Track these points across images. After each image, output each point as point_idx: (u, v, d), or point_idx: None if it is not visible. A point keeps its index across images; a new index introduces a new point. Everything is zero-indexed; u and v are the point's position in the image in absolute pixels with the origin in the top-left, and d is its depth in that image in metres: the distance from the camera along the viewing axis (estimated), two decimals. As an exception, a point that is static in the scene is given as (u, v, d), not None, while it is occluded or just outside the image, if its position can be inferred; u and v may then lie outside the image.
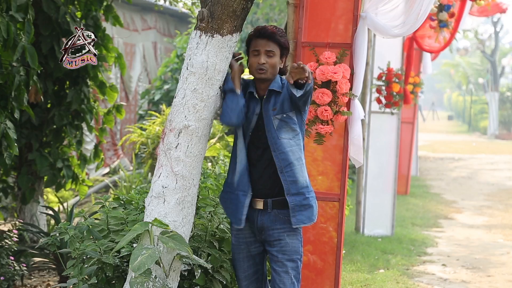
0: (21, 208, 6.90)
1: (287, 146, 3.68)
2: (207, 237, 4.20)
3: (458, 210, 10.93)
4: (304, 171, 3.72)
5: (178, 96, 3.77)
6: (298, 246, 3.75)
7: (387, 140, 8.34)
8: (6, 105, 5.47)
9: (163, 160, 3.76)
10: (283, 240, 3.71)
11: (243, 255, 3.83)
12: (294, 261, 3.72)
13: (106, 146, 12.05)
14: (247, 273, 3.84)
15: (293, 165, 3.68)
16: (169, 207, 3.71)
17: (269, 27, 3.75)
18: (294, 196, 3.69)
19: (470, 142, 26.46)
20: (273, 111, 3.70)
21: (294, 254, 3.73)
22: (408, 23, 4.54)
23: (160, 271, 3.69)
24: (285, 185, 3.69)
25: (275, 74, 3.74)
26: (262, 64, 3.69)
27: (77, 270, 3.87)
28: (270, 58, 3.71)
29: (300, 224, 3.71)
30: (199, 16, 3.75)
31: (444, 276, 6.75)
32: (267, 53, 3.71)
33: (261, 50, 3.71)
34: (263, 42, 3.72)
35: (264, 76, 3.71)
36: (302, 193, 3.70)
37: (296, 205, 3.69)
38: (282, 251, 3.71)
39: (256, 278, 3.85)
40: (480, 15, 9.91)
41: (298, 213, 3.70)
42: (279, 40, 3.73)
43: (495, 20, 28.97)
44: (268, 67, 3.70)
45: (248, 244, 3.81)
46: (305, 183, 3.71)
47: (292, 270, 3.71)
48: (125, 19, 12.46)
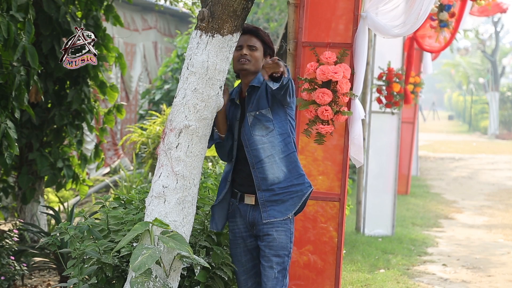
0: (22, 208, 6.90)
1: (259, 143, 3.75)
2: (205, 230, 4.20)
3: (458, 210, 10.92)
4: (276, 168, 3.75)
5: (178, 96, 3.77)
6: (285, 242, 3.77)
7: (387, 140, 8.35)
8: (6, 105, 5.47)
9: (163, 160, 3.76)
10: (271, 235, 3.75)
11: (240, 249, 3.89)
12: (280, 257, 3.75)
13: (107, 146, 12.05)
14: (246, 267, 3.90)
15: (263, 162, 3.74)
16: (170, 207, 3.72)
17: (252, 25, 3.87)
18: (263, 192, 3.75)
19: (471, 142, 26.46)
20: (249, 108, 3.78)
21: (280, 250, 3.76)
22: (408, 23, 4.53)
23: (161, 271, 3.69)
24: (255, 181, 3.77)
25: (258, 68, 3.80)
26: (244, 55, 3.78)
27: (78, 270, 3.87)
28: (252, 51, 3.80)
29: (271, 218, 3.75)
30: (200, 16, 3.75)
31: (445, 276, 6.75)
32: (249, 47, 3.80)
33: (243, 44, 3.80)
34: (245, 37, 3.80)
35: (246, 67, 3.78)
36: (272, 190, 3.75)
37: (265, 201, 3.75)
38: (269, 246, 3.75)
39: (254, 272, 3.89)
40: (481, 15, 9.90)
41: (269, 208, 3.76)
42: (262, 36, 3.83)
43: (495, 20, 28.99)
44: (250, 59, 3.78)
45: (244, 239, 3.87)
46: (276, 180, 3.75)
47: (277, 265, 3.74)
48: (126, 19, 12.46)
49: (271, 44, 3.86)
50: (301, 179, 3.80)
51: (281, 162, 3.76)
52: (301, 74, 4.43)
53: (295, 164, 3.80)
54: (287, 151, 3.77)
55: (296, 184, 3.78)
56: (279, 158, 3.75)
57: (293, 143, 3.83)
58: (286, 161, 3.77)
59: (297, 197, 3.79)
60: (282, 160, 3.76)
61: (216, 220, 3.94)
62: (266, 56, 3.84)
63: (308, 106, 4.32)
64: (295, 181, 3.78)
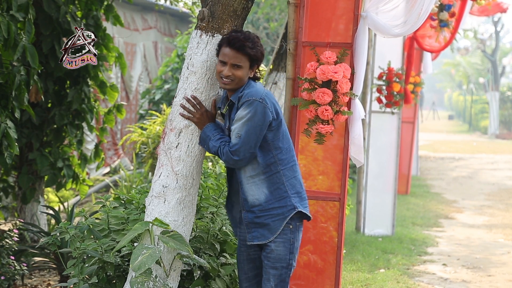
0: (22, 207, 6.90)
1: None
2: (209, 239, 4.20)
3: (458, 210, 10.92)
4: (255, 190, 3.61)
5: (178, 96, 3.77)
6: (284, 253, 3.65)
7: (387, 140, 8.35)
8: (6, 105, 5.47)
9: (163, 160, 3.76)
10: (269, 247, 3.65)
11: (243, 257, 3.82)
12: (277, 269, 3.65)
13: (107, 145, 12.06)
14: (248, 275, 3.82)
15: (242, 183, 3.64)
16: (170, 206, 3.72)
17: (241, 37, 3.59)
18: (247, 212, 3.65)
19: (471, 141, 26.46)
20: (231, 125, 3.63)
21: (277, 262, 3.65)
22: (408, 23, 4.53)
23: (161, 270, 3.69)
24: (240, 199, 3.69)
25: (241, 84, 3.62)
26: (227, 76, 3.58)
27: (78, 269, 3.87)
28: (236, 70, 3.58)
29: (254, 241, 3.65)
30: (200, 15, 3.75)
31: (445, 276, 6.75)
32: (233, 66, 3.57)
33: (228, 61, 3.58)
34: (231, 53, 3.57)
35: (228, 87, 3.61)
36: (253, 211, 3.63)
37: (249, 222, 3.65)
38: (267, 257, 3.66)
39: (256, 281, 3.81)
40: (481, 14, 9.90)
41: (253, 230, 3.64)
42: (248, 52, 3.58)
43: (495, 19, 28.98)
44: (233, 78, 3.59)
45: (247, 247, 3.78)
46: (256, 202, 3.62)
47: (274, 277, 3.65)
48: (126, 19, 12.46)
49: (258, 55, 3.62)
50: (283, 202, 3.63)
51: (261, 184, 3.61)
52: (301, 74, 4.43)
53: (278, 186, 3.63)
54: (268, 172, 3.61)
55: (278, 207, 3.62)
56: (259, 179, 3.61)
57: (277, 163, 3.64)
58: (267, 182, 3.61)
59: (278, 220, 3.62)
60: (263, 181, 3.61)
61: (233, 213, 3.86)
62: (253, 67, 3.64)
63: (308, 106, 4.32)
64: (276, 204, 3.62)
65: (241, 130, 3.54)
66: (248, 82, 3.66)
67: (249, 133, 3.54)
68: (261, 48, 3.65)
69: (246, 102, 3.55)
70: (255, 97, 3.56)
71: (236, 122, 3.57)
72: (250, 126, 3.54)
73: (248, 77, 3.65)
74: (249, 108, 3.54)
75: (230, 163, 3.61)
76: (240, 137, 3.54)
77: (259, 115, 3.55)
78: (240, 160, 3.57)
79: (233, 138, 3.57)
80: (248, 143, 3.55)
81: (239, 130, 3.55)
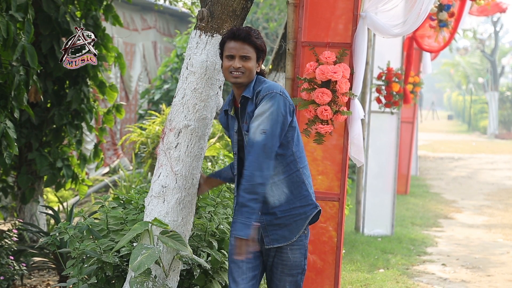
0: (21, 207, 6.90)
1: None
2: (207, 237, 4.20)
3: (458, 210, 10.93)
4: (276, 190, 3.48)
5: (178, 96, 3.77)
6: (300, 260, 3.57)
7: (387, 140, 8.35)
8: (6, 105, 5.47)
9: (163, 160, 3.76)
10: (284, 254, 3.55)
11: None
12: (294, 276, 3.58)
13: (106, 145, 12.05)
14: (245, 276, 3.68)
15: None
16: (169, 206, 3.72)
17: (244, 28, 3.51)
18: (265, 215, 3.50)
19: (470, 141, 26.47)
20: (244, 125, 3.50)
21: (294, 269, 3.57)
22: (408, 23, 4.53)
23: (160, 270, 3.69)
24: None
25: (251, 78, 3.50)
26: (238, 68, 3.45)
27: (77, 269, 3.88)
28: (245, 62, 3.46)
29: (273, 244, 3.52)
30: (199, 15, 3.75)
31: (444, 276, 6.75)
32: (242, 58, 3.46)
33: (236, 54, 3.46)
34: (237, 45, 3.46)
35: (239, 81, 3.47)
36: (274, 213, 3.50)
37: (267, 225, 3.51)
38: (284, 265, 3.57)
39: (252, 284, 3.65)
40: (480, 14, 9.91)
41: (271, 233, 3.51)
42: (254, 42, 3.47)
43: (495, 19, 29.00)
44: (244, 71, 3.46)
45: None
46: (277, 203, 3.48)
47: (290, 284, 3.58)
48: (125, 19, 12.46)
49: (263, 46, 3.52)
50: (304, 201, 3.52)
51: (281, 184, 3.49)
52: (300, 74, 4.43)
53: (298, 185, 3.52)
54: (288, 171, 3.49)
55: (299, 207, 3.51)
56: (279, 179, 3.48)
57: (296, 161, 3.52)
58: (287, 182, 3.49)
59: (300, 220, 3.52)
60: (283, 181, 3.49)
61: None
62: (259, 60, 3.52)
63: (308, 106, 4.32)
64: (298, 203, 3.51)
65: (267, 125, 3.36)
66: (258, 77, 3.55)
67: (274, 127, 3.38)
68: (263, 41, 3.58)
69: (267, 96, 3.40)
70: (276, 90, 3.43)
71: (258, 117, 3.37)
72: (275, 119, 3.38)
73: (256, 72, 3.54)
74: (271, 101, 3.38)
75: (264, 172, 3.34)
76: (266, 132, 3.35)
77: (282, 107, 3.40)
78: (270, 160, 3.38)
79: (256, 135, 3.36)
80: (275, 137, 3.38)
81: (264, 125, 3.35)
